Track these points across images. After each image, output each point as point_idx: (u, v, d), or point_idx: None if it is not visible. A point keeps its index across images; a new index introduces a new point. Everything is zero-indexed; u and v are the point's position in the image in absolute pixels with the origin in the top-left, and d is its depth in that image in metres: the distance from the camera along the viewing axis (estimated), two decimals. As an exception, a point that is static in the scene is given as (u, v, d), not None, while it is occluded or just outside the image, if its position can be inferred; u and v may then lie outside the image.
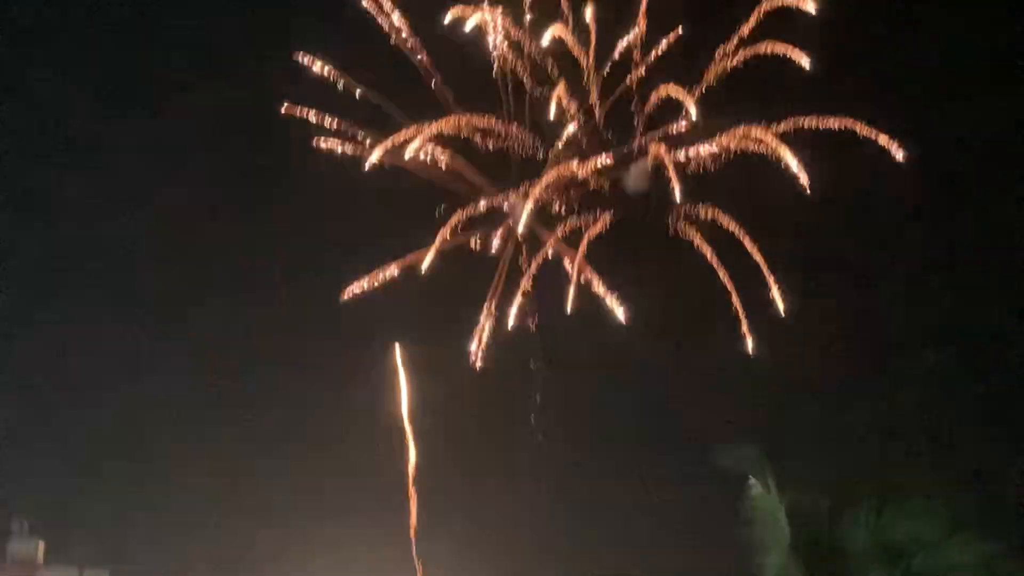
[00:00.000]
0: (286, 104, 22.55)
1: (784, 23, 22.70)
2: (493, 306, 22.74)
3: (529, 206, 22.56)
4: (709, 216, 23.22)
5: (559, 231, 23.29)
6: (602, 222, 23.36)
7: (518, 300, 22.79)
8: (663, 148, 23.19)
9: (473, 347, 22.58)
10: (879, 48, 23.56)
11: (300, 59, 22.43)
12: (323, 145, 22.68)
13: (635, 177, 23.52)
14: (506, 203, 23.11)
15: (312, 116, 22.58)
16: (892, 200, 22.94)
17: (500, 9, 22.73)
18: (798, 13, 22.40)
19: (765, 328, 22.60)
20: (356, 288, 22.62)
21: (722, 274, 22.99)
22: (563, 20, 23.18)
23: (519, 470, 23.28)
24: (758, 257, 22.63)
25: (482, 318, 22.90)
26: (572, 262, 23.09)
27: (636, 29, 22.87)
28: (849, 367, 23.27)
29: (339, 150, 22.63)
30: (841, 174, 22.19)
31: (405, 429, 23.04)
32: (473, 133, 22.76)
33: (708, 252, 23.16)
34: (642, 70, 23.20)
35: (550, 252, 23.37)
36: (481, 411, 22.70)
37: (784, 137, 22.79)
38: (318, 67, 22.45)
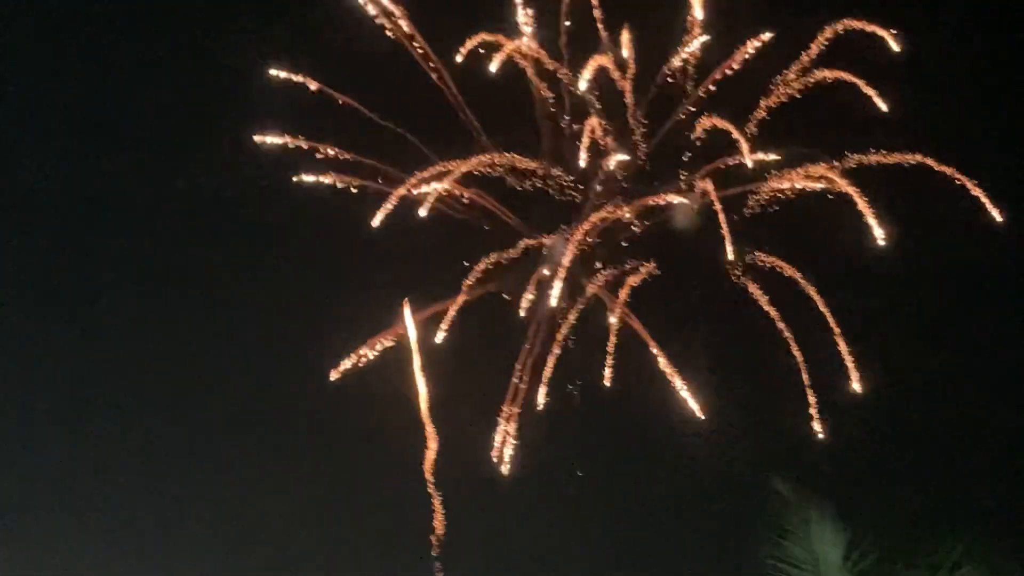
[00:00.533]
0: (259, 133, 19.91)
1: (853, 47, 20.51)
2: (527, 365, 20.15)
3: (570, 250, 20.03)
4: (768, 264, 20.77)
5: (600, 278, 20.76)
6: (647, 269, 20.89)
7: (553, 358, 20.15)
8: (711, 185, 20.82)
9: (497, 440, 19.89)
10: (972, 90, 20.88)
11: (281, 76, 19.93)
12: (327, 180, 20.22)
13: (682, 218, 21.08)
14: (544, 247, 20.67)
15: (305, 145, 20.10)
16: (981, 258, 20.08)
17: (531, 37, 20.49)
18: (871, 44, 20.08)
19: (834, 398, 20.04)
20: (349, 364, 19.84)
21: (782, 328, 20.45)
22: (603, 46, 20.99)
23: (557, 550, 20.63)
24: (827, 314, 20.07)
25: (511, 393, 20.17)
26: (614, 312, 20.58)
27: (686, 53, 20.60)
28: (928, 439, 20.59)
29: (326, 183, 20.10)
30: (919, 224, 19.73)
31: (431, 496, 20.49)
32: (507, 171, 20.46)
33: (766, 303, 20.66)
34: (692, 100, 20.94)
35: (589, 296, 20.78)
36: (513, 490, 20.07)
37: (854, 176, 20.43)
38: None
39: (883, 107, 19.88)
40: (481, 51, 20.19)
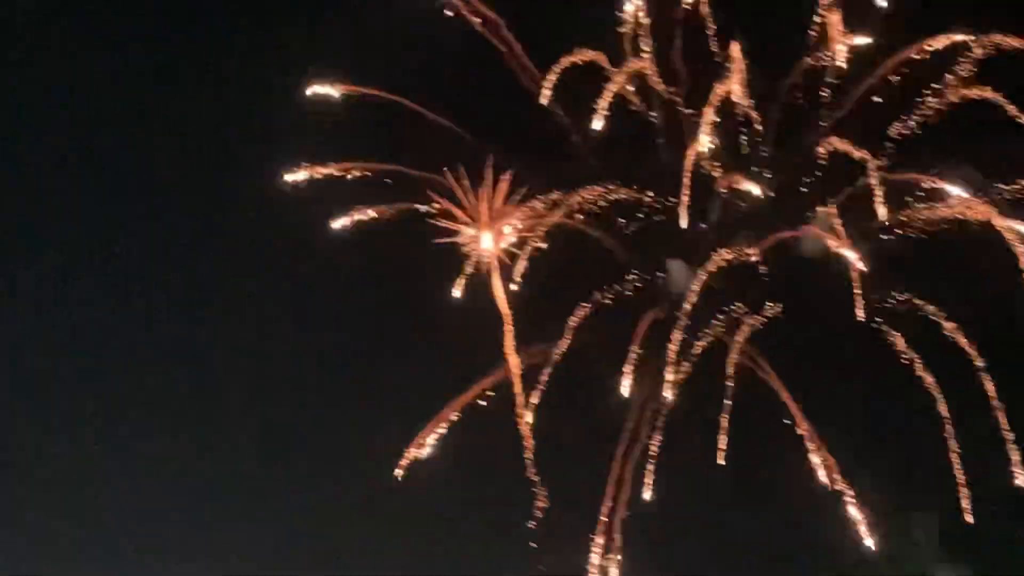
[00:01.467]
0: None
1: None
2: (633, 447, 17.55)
3: (695, 289, 17.47)
4: (908, 308, 18.11)
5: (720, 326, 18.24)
6: (771, 310, 18.40)
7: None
8: (839, 219, 18.14)
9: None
10: None
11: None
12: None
13: (813, 254, 18.43)
14: (657, 281, 18.27)
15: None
16: None
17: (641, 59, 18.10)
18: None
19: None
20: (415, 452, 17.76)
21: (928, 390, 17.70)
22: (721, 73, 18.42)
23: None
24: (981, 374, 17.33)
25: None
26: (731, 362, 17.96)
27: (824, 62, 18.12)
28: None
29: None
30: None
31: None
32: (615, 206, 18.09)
33: (910, 356, 17.95)
34: (825, 121, 18.51)
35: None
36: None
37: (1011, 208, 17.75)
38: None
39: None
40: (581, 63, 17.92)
